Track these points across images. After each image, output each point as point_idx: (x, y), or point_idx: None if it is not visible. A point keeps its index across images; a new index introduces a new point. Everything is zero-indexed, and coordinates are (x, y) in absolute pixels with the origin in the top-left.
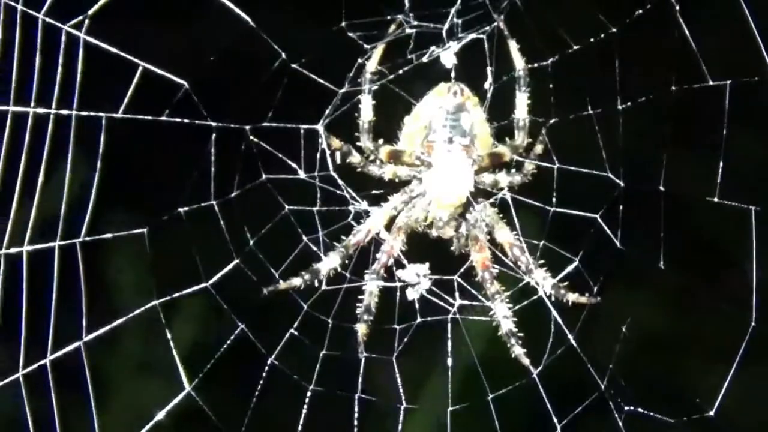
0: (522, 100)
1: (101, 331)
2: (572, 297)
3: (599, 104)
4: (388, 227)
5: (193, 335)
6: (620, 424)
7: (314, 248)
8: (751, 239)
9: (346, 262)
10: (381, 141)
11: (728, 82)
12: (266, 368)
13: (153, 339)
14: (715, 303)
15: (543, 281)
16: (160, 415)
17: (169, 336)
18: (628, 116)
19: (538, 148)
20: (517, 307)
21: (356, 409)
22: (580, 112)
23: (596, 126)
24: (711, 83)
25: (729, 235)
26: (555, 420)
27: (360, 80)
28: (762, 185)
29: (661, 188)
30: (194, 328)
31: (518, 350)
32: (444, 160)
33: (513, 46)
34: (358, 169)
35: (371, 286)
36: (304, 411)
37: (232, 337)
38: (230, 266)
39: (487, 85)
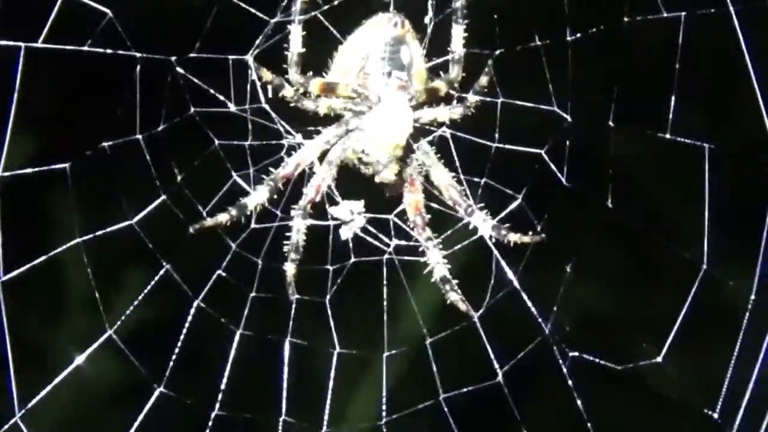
0: (458, 33)
1: (20, 270)
2: (514, 237)
3: (547, 36)
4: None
5: (116, 276)
6: (564, 370)
7: (244, 185)
8: (704, 178)
9: (276, 197)
10: (311, 73)
11: (683, 14)
12: (192, 311)
13: (74, 280)
14: (665, 243)
15: (483, 223)
16: (80, 359)
17: (90, 276)
18: (577, 48)
19: (483, 80)
20: (457, 247)
21: (287, 353)
22: (527, 43)
23: (543, 58)
24: (665, 15)
25: (681, 172)
26: (496, 365)
27: (292, 10)
28: (715, 121)
29: (611, 123)
30: (118, 268)
31: (454, 296)
32: (381, 95)
33: None
34: (292, 104)
35: (298, 222)
36: (232, 355)
37: (156, 278)
38: (156, 203)
39: (427, 19)
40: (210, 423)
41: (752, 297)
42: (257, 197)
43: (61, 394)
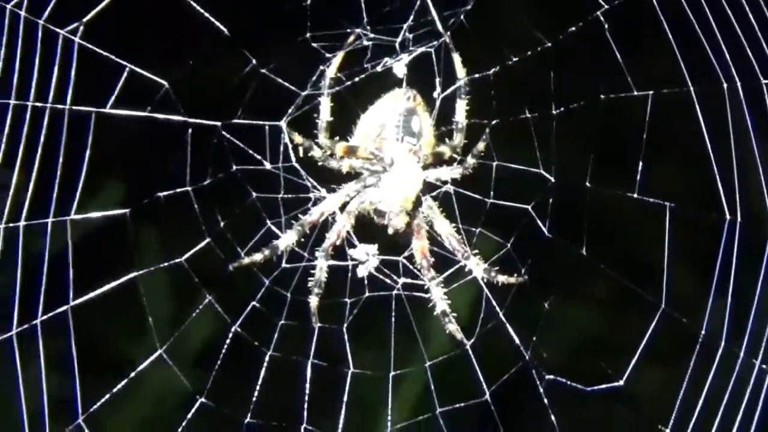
0: (461, 107)
1: (86, 297)
2: (502, 278)
3: (536, 109)
4: (342, 211)
5: (168, 305)
6: (541, 390)
7: (277, 231)
8: (665, 233)
9: (303, 241)
10: (337, 138)
11: (650, 92)
12: (230, 335)
13: (131, 306)
14: (630, 286)
15: (476, 267)
16: (133, 374)
17: (145, 303)
18: (561, 120)
19: (480, 146)
20: (454, 286)
21: (309, 372)
22: (518, 115)
23: (532, 128)
24: (636, 93)
25: (647, 228)
26: (485, 386)
27: (321, 84)
28: (676, 185)
29: (588, 184)
30: (169, 298)
31: (452, 327)
32: (395, 157)
33: (456, 58)
34: (320, 163)
35: (321, 262)
36: (263, 373)
37: (200, 307)
38: (202, 244)
39: (435, 94)
40: (243, 429)
41: (702, 331)
42: (287, 239)
43: (118, 401)
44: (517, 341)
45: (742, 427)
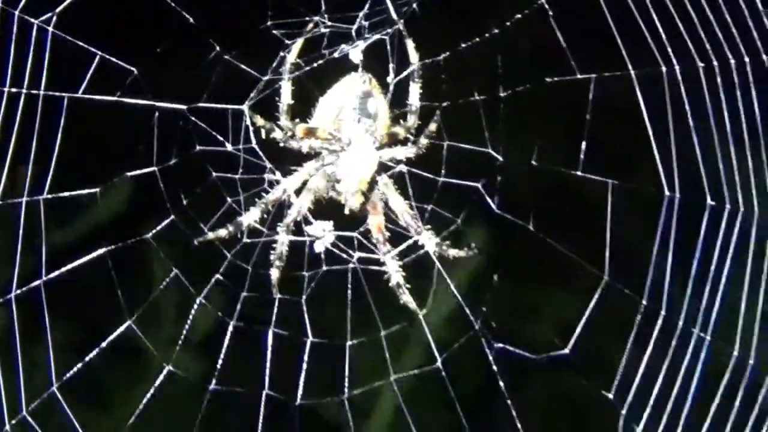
0: (414, 90)
1: (60, 271)
2: (453, 252)
3: (484, 92)
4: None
5: (135, 279)
6: (490, 359)
7: (237, 208)
8: (607, 208)
9: (265, 217)
10: (297, 120)
11: (593, 75)
12: (195, 305)
13: (102, 280)
14: (577, 259)
15: (428, 241)
16: (104, 344)
17: (114, 277)
18: (508, 102)
19: (432, 127)
20: (407, 259)
21: (270, 341)
22: (468, 98)
23: (481, 110)
24: (579, 76)
25: (591, 202)
26: (436, 353)
27: (281, 70)
28: (618, 163)
29: (534, 162)
30: (137, 272)
31: (405, 298)
32: (352, 137)
33: (410, 44)
34: (281, 144)
35: (282, 237)
36: (227, 341)
37: (167, 280)
38: (166, 221)
39: (389, 79)
40: (207, 394)
41: (643, 302)
42: (250, 216)
43: (91, 371)
44: (468, 312)
45: (682, 390)
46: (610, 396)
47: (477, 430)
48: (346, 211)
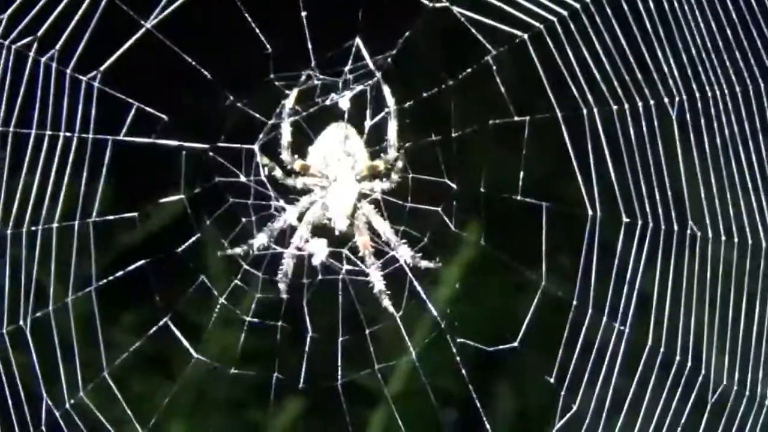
0: (392, 128)
1: (109, 278)
2: (423, 263)
3: (440, 133)
4: (301, 218)
5: (168, 285)
6: (454, 350)
7: (249, 227)
8: (542, 226)
9: (272, 239)
10: (296, 156)
11: (527, 118)
12: (218, 306)
13: (143, 292)
14: (518, 267)
15: (404, 254)
16: (143, 339)
17: (152, 286)
18: (460, 140)
19: (399, 164)
20: (386, 271)
21: (278, 335)
22: (428, 138)
23: (437, 148)
24: (516, 119)
25: (529, 221)
26: (411, 348)
27: (282, 114)
28: (550, 188)
29: (482, 190)
30: (169, 281)
31: (386, 302)
32: (337, 174)
33: (387, 91)
34: (280, 181)
35: (288, 261)
36: (242, 336)
37: (194, 285)
38: (193, 239)
39: (366, 124)
40: (228, 378)
41: (574, 302)
42: (259, 240)
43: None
44: (434, 313)
45: (607, 372)
46: (551, 380)
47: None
48: (337, 232)
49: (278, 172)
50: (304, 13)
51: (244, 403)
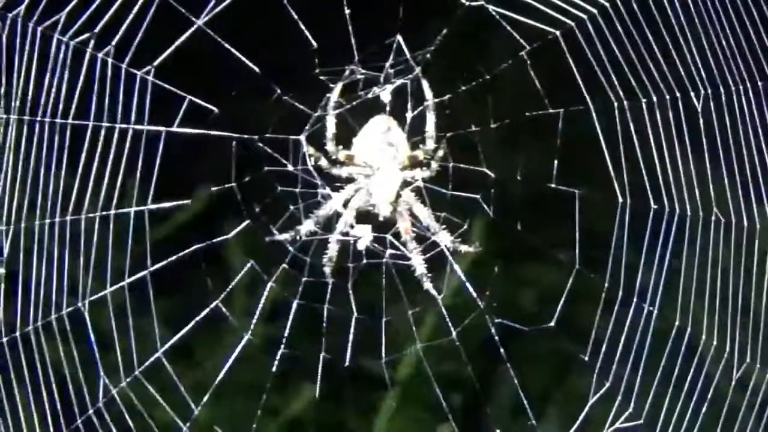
0: (431, 120)
1: (164, 262)
2: (464, 248)
3: (478, 124)
4: (346, 205)
5: (219, 268)
6: (492, 330)
7: (297, 214)
8: (575, 212)
9: (319, 225)
10: (341, 147)
11: (561, 110)
12: (267, 288)
13: (196, 269)
14: (551, 251)
15: (446, 239)
16: (199, 318)
17: (203, 267)
18: (498, 132)
19: (440, 153)
20: (428, 255)
21: (325, 316)
22: (467, 129)
23: (478, 137)
24: (550, 111)
25: (564, 207)
26: (452, 329)
27: (327, 107)
28: (585, 179)
29: (518, 177)
30: (221, 264)
31: (428, 285)
32: (380, 163)
33: (425, 85)
34: (325, 170)
35: (333, 246)
36: (291, 315)
37: (245, 270)
38: (243, 224)
39: (408, 115)
40: (278, 357)
41: (606, 284)
42: (306, 227)
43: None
44: (474, 294)
45: (631, 353)
46: (585, 357)
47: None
48: (381, 219)
49: (324, 162)
50: (347, 11)
51: (294, 381)
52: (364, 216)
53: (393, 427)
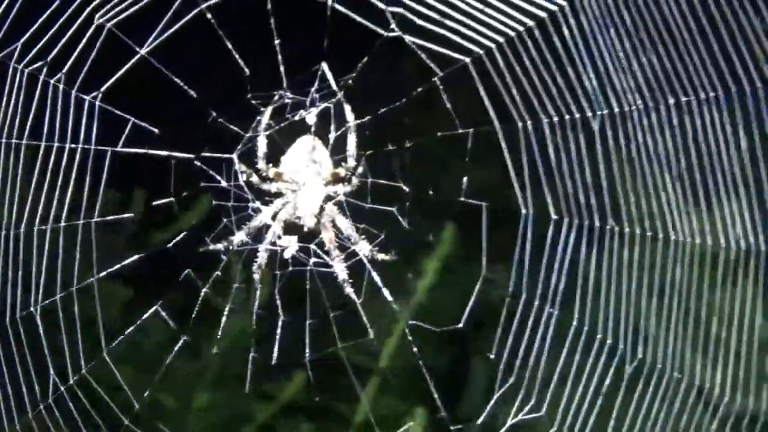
0: (352, 140)
1: (115, 268)
2: (381, 256)
3: (396, 143)
4: (275, 217)
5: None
6: (406, 330)
7: (230, 225)
8: (482, 223)
9: (250, 236)
10: (270, 164)
11: (470, 130)
12: (202, 294)
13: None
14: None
15: (364, 248)
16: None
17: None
18: (412, 151)
19: (359, 170)
20: (348, 263)
21: (254, 319)
22: (384, 148)
23: (393, 157)
24: (460, 131)
25: (472, 222)
26: (369, 330)
27: (258, 129)
28: (492, 192)
29: (431, 192)
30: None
31: (348, 290)
32: (305, 179)
33: (347, 109)
34: (256, 186)
35: (262, 254)
36: (224, 317)
37: (181, 277)
38: (181, 236)
39: (331, 137)
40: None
41: (509, 289)
42: (238, 237)
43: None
44: (390, 299)
45: (533, 350)
46: (492, 356)
47: None
48: (306, 230)
49: (255, 178)
50: (277, 41)
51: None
52: (291, 227)
53: None
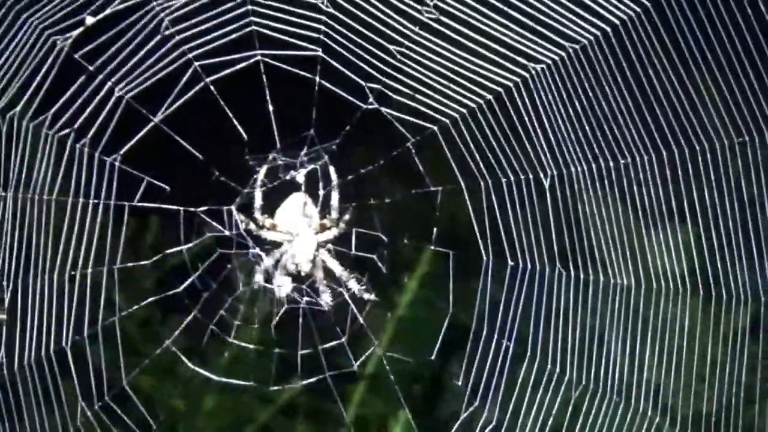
0: (335, 197)
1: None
2: (366, 296)
3: (375, 198)
4: (277, 265)
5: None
6: (384, 362)
7: (234, 268)
8: (450, 269)
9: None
10: (266, 215)
11: (440, 188)
12: (191, 318)
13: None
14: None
15: (353, 287)
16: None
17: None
18: (390, 205)
19: (343, 222)
20: (338, 300)
21: (251, 353)
22: (366, 202)
23: (372, 211)
24: (431, 189)
25: (441, 267)
26: (353, 361)
27: (255, 185)
28: (455, 240)
29: (405, 241)
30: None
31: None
32: (298, 230)
33: (332, 170)
34: (254, 234)
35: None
36: (227, 355)
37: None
38: (190, 279)
39: (319, 193)
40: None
41: (473, 325)
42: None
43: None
44: (370, 334)
45: (494, 377)
46: (459, 383)
47: None
48: (302, 273)
49: (253, 227)
50: (271, 108)
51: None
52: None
53: None
